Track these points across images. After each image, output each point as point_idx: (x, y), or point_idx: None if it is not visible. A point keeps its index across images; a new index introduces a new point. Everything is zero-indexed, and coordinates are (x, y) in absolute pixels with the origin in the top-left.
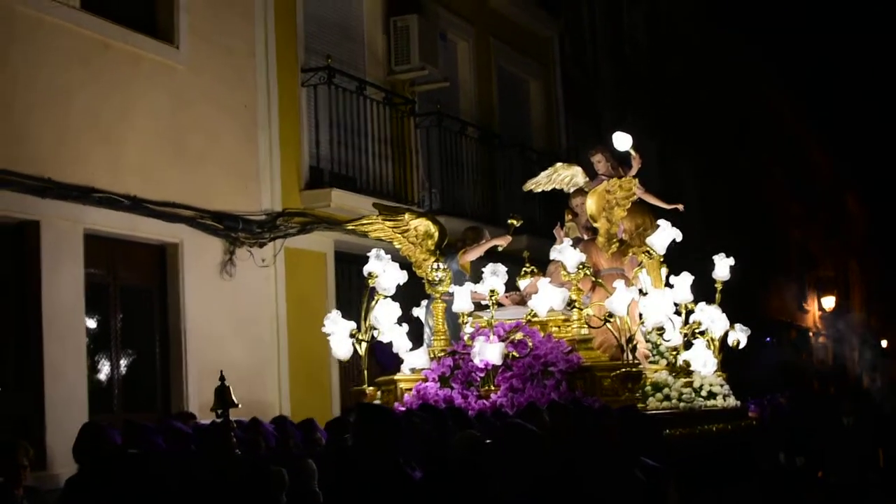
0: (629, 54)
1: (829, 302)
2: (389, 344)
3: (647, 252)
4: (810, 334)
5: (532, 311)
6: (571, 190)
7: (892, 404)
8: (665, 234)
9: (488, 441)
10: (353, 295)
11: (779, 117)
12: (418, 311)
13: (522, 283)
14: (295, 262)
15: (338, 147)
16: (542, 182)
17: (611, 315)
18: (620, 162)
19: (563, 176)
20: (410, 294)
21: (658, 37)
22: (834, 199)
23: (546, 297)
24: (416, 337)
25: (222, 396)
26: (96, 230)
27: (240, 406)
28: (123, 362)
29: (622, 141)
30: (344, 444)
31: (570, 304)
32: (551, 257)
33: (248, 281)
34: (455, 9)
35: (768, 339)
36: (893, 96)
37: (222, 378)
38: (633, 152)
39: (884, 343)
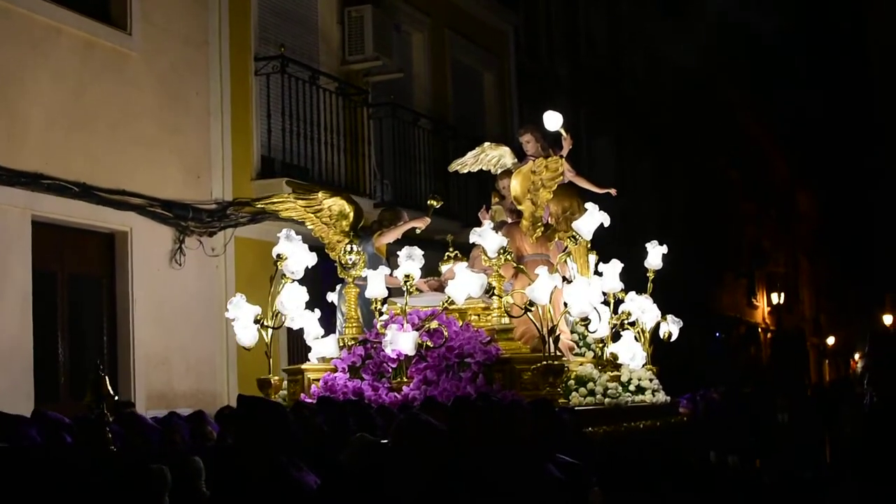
0: (585, 50)
1: (778, 298)
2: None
3: (573, 237)
4: (759, 330)
5: (449, 298)
6: (499, 171)
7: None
8: (592, 219)
9: (384, 441)
10: (318, 286)
11: (734, 115)
12: (332, 297)
13: (445, 269)
14: (245, 252)
15: (290, 137)
16: (469, 162)
17: (532, 304)
18: (552, 143)
19: (490, 156)
20: (331, 279)
21: (615, 34)
22: (786, 197)
23: (463, 283)
24: (332, 324)
25: (97, 388)
26: (45, 217)
27: (117, 399)
28: (70, 351)
29: (553, 120)
30: (228, 442)
31: (491, 291)
32: (471, 241)
33: (198, 270)
34: (410, 0)
35: (717, 334)
36: (846, 95)
37: (98, 368)
38: (563, 132)
39: (831, 340)
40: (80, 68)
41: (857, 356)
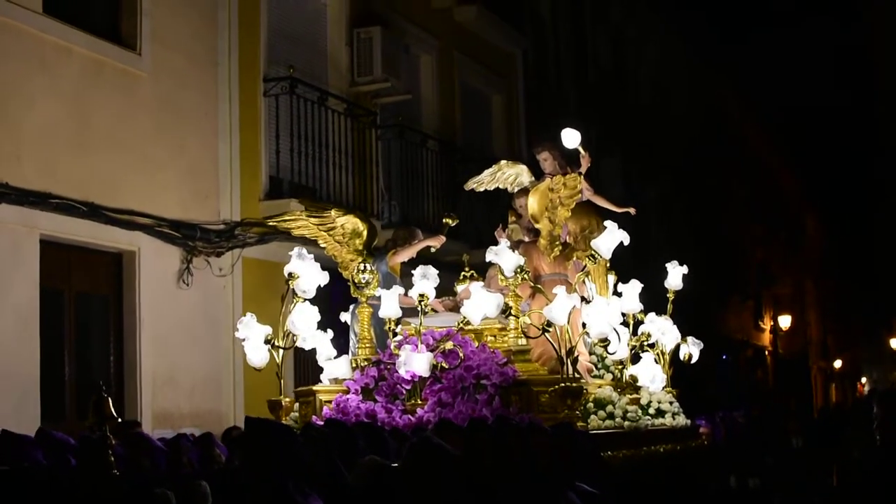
0: (593, 72)
1: (785, 321)
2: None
3: (592, 256)
4: (766, 353)
5: (464, 318)
6: (515, 189)
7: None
8: (611, 237)
9: (395, 465)
10: (331, 306)
11: (743, 139)
12: (346, 317)
13: (460, 289)
14: (252, 273)
15: (298, 157)
16: (486, 181)
17: (550, 324)
18: (569, 161)
19: (507, 174)
20: (344, 297)
21: (622, 56)
22: (793, 220)
23: (479, 303)
24: (345, 345)
25: (99, 409)
26: (53, 236)
27: (119, 420)
28: (77, 370)
29: (570, 138)
30: (235, 465)
31: (507, 311)
32: (487, 259)
33: (205, 290)
34: (419, 22)
35: (724, 356)
36: (854, 119)
37: (100, 389)
38: (581, 150)
39: (838, 363)
40: (90, 88)
41: (864, 379)
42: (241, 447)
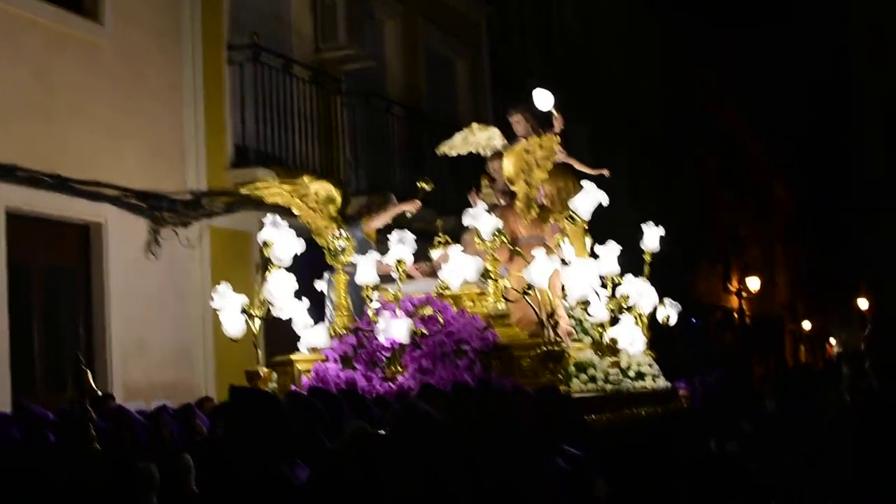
0: (559, 37)
1: (753, 283)
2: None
3: (571, 217)
4: (734, 315)
5: (443, 283)
6: (488, 153)
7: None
8: (590, 197)
9: (381, 432)
10: (306, 274)
11: (711, 104)
12: (321, 284)
13: (435, 254)
14: (220, 242)
15: (264, 126)
16: (458, 144)
17: (530, 287)
18: (541, 124)
19: (479, 138)
20: (317, 265)
21: (589, 22)
22: (762, 185)
23: (458, 267)
24: (321, 313)
25: (79, 383)
26: (19, 209)
27: (101, 393)
28: (47, 343)
29: (543, 99)
30: (219, 436)
31: (486, 275)
32: (465, 223)
33: (174, 260)
34: None
35: (694, 320)
36: (822, 86)
37: (79, 361)
38: (555, 112)
39: (807, 325)
40: (54, 60)
41: (833, 340)
42: (225, 417)
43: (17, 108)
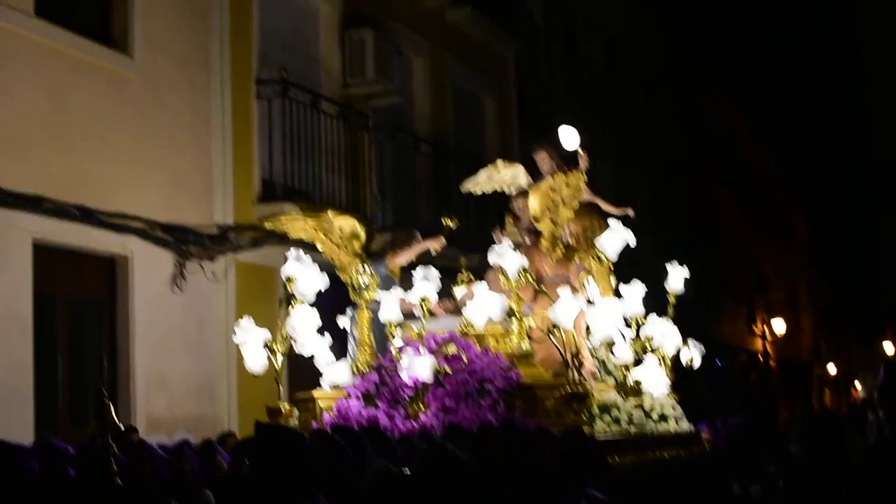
0: (585, 74)
1: (779, 326)
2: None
3: (597, 257)
4: (759, 357)
5: (467, 321)
6: (513, 191)
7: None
8: (617, 237)
9: (405, 470)
10: (328, 310)
11: (734, 143)
12: (343, 321)
13: (458, 292)
14: (245, 277)
15: (291, 160)
16: (482, 182)
17: (555, 327)
18: (566, 161)
19: (503, 175)
20: (339, 302)
21: (614, 58)
22: (785, 225)
23: (483, 305)
24: (343, 350)
25: (102, 416)
26: (46, 240)
27: (122, 427)
28: (71, 375)
29: (569, 137)
30: (242, 472)
31: (510, 314)
32: (490, 261)
33: (199, 294)
34: (411, 24)
35: (718, 362)
36: (846, 124)
37: (101, 394)
38: (580, 150)
39: (832, 368)
40: (82, 91)
41: (857, 384)
42: (250, 453)
43: (45, 139)
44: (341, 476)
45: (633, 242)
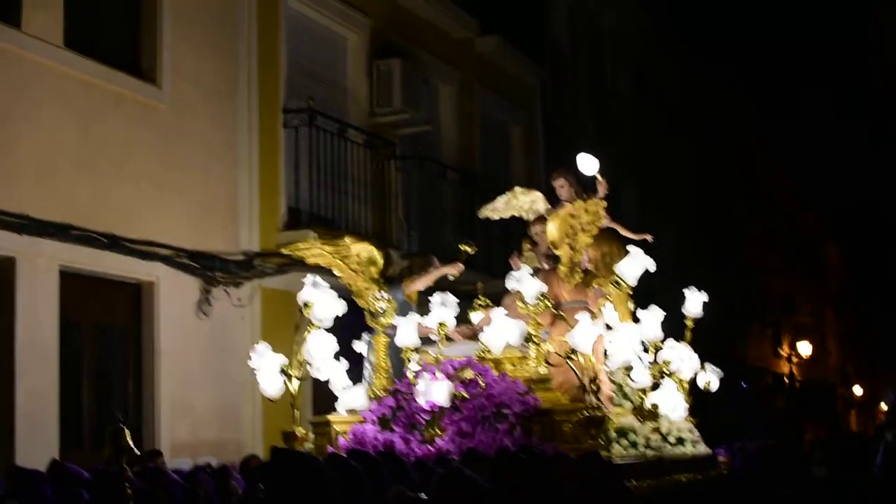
0: (612, 105)
1: (805, 348)
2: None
3: (616, 282)
4: (785, 380)
5: (485, 346)
6: (531, 217)
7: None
8: (636, 262)
9: (423, 496)
10: (344, 335)
11: (760, 168)
12: (359, 346)
13: (475, 317)
14: (271, 303)
15: (318, 189)
16: (500, 208)
17: (573, 352)
18: (585, 188)
19: (522, 202)
20: (355, 327)
21: (641, 89)
22: (812, 248)
23: (500, 330)
24: (359, 375)
25: (117, 441)
26: (72, 267)
27: (137, 452)
28: (96, 400)
29: (588, 164)
30: (256, 496)
31: (528, 339)
32: (508, 287)
33: (224, 321)
34: (439, 53)
35: (744, 384)
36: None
37: (119, 419)
38: (599, 177)
39: (858, 390)
40: (110, 120)
41: (883, 406)
42: (265, 478)
43: (72, 168)
44: (356, 501)
45: (652, 268)
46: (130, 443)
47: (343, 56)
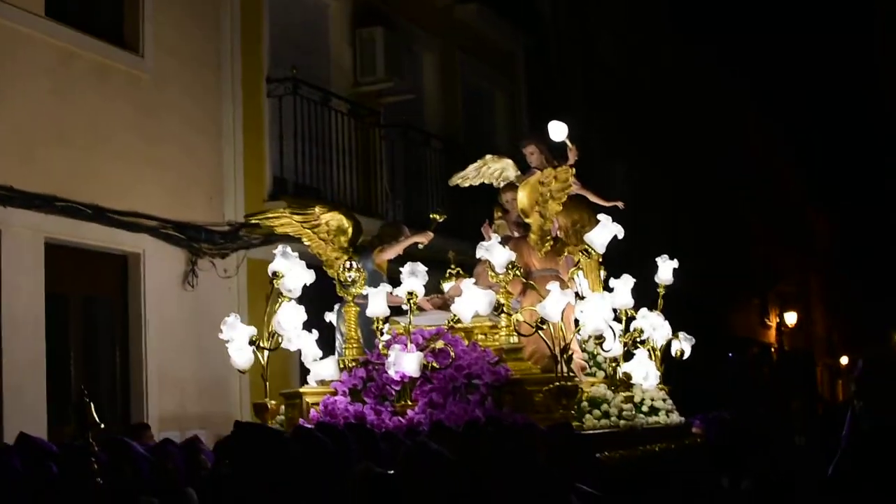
0: (596, 70)
1: (790, 318)
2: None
3: (586, 251)
4: (772, 350)
5: (455, 316)
6: (501, 184)
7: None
8: (605, 231)
9: (390, 472)
10: (315, 306)
11: (746, 136)
12: (331, 316)
13: (447, 286)
14: (257, 274)
15: (302, 158)
16: (471, 176)
17: (543, 321)
18: (555, 155)
19: (492, 169)
20: (326, 297)
21: (627, 56)
22: (797, 216)
23: (470, 300)
24: (330, 345)
25: (82, 415)
26: (58, 239)
27: (102, 426)
28: (84, 373)
29: (557, 130)
30: (225, 470)
31: (499, 308)
32: (477, 255)
33: (210, 292)
34: (421, 21)
35: (730, 354)
36: (857, 112)
37: (82, 394)
38: (569, 143)
39: (844, 360)
40: (93, 91)
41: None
42: (230, 452)
43: (56, 140)
44: (323, 474)
45: (620, 235)
46: (96, 417)
47: (326, 24)
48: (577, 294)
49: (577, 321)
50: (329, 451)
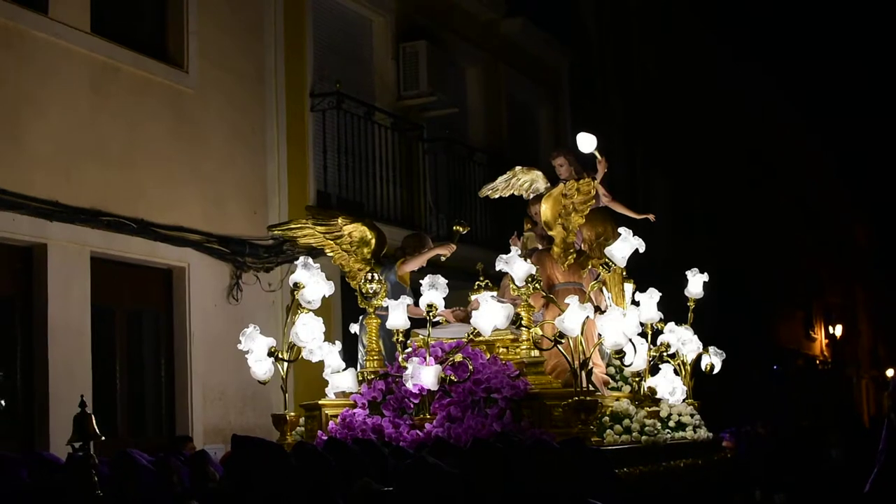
0: (639, 84)
1: (838, 330)
2: None
3: (606, 264)
4: (817, 362)
5: (474, 329)
6: (531, 196)
7: None
8: (626, 244)
9: (388, 489)
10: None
11: (789, 148)
12: (355, 328)
13: (474, 298)
14: None
15: (346, 172)
16: (500, 187)
17: (563, 335)
18: (586, 167)
19: (522, 181)
20: (352, 309)
21: (669, 70)
22: (842, 227)
23: (488, 314)
24: (354, 357)
25: (82, 427)
26: (103, 253)
27: (103, 438)
28: (129, 386)
29: (586, 142)
30: (225, 484)
31: (519, 322)
32: (497, 268)
33: (254, 306)
34: (465, 35)
35: (776, 367)
36: None
37: (82, 405)
38: (598, 155)
39: (890, 372)
40: (138, 106)
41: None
42: (228, 467)
43: (102, 154)
44: (322, 489)
45: (642, 249)
46: (96, 429)
47: (369, 39)
48: (597, 308)
49: (599, 335)
50: (329, 466)
